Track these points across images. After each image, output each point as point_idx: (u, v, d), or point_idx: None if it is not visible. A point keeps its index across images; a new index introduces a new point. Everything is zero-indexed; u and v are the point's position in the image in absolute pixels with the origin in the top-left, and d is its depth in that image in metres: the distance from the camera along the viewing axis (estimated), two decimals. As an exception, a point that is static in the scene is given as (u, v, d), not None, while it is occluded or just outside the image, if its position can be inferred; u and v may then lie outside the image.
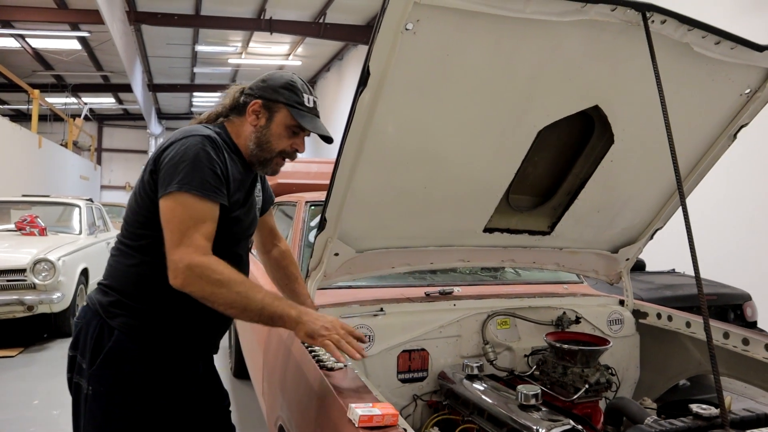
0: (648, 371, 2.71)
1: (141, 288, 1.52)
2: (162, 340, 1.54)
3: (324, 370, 1.52)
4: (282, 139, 1.62)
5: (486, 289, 2.63)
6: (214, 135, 1.53)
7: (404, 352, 2.18)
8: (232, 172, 1.54)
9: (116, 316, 1.52)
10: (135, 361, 1.51)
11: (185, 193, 1.41)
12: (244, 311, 1.41)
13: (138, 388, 1.51)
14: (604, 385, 1.95)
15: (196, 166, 1.43)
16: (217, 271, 1.39)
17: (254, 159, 1.64)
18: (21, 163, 11.40)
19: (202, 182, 1.43)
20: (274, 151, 1.62)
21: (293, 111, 1.59)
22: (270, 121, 1.61)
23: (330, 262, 2.06)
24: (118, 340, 1.51)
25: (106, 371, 1.50)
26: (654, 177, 2.34)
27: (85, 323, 1.56)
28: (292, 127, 1.62)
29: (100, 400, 1.50)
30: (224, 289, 1.38)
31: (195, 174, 1.43)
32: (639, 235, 2.62)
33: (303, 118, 1.60)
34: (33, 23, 12.14)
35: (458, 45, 1.63)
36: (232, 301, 1.39)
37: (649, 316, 2.67)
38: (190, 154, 1.45)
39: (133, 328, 1.52)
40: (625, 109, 2.03)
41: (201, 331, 1.60)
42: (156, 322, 1.53)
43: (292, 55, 15.22)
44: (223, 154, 1.52)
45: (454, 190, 2.06)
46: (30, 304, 5.09)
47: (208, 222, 1.43)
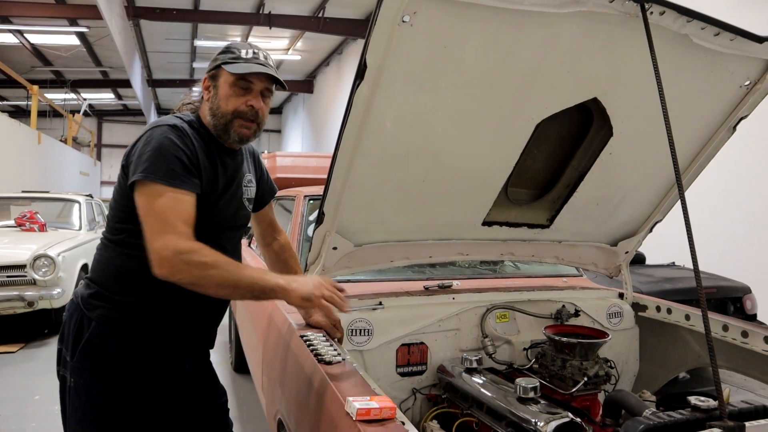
0: (647, 364, 2.71)
1: (120, 280, 1.52)
2: (140, 332, 1.52)
3: (322, 363, 1.52)
4: (230, 99, 1.57)
5: (485, 283, 2.63)
6: (180, 123, 1.53)
7: (403, 345, 2.18)
8: (202, 159, 1.53)
9: (95, 308, 1.52)
10: (114, 353, 1.50)
11: (152, 183, 1.41)
12: (235, 289, 1.42)
13: (118, 381, 1.50)
14: (603, 378, 1.94)
15: (161, 155, 1.43)
16: (203, 254, 1.38)
17: (218, 131, 1.60)
18: (21, 159, 11.39)
19: (168, 171, 1.42)
20: (228, 114, 1.57)
21: (228, 66, 1.56)
22: (216, 88, 1.59)
23: (328, 256, 2.05)
24: (96, 332, 1.50)
25: (85, 363, 1.50)
26: (653, 170, 2.33)
27: (69, 316, 1.57)
28: (235, 84, 1.56)
29: (81, 391, 1.50)
30: (213, 271, 1.38)
31: (160, 163, 1.42)
32: (638, 228, 2.61)
33: (236, 66, 1.56)
34: (31, 19, 12.11)
35: (455, 37, 1.61)
36: (222, 281, 1.40)
37: (648, 309, 2.67)
38: (155, 144, 1.45)
39: (111, 320, 1.51)
40: (624, 101, 2.02)
41: (181, 326, 1.58)
42: (135, 315, 1.51)
43: (291, 50, 15.18)
44: (192, 141, 1.51)
45: (452, 184, 2.05)
46: (30, 300, 5.10)
47: (185, 208, 1.43)
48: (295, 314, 2.00)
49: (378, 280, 2.46)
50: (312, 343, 1.67)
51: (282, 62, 16.35)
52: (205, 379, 1.76)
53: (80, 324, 1.52)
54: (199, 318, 1.64)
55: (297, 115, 21.45)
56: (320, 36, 13.29)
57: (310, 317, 1.90)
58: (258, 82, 1.58)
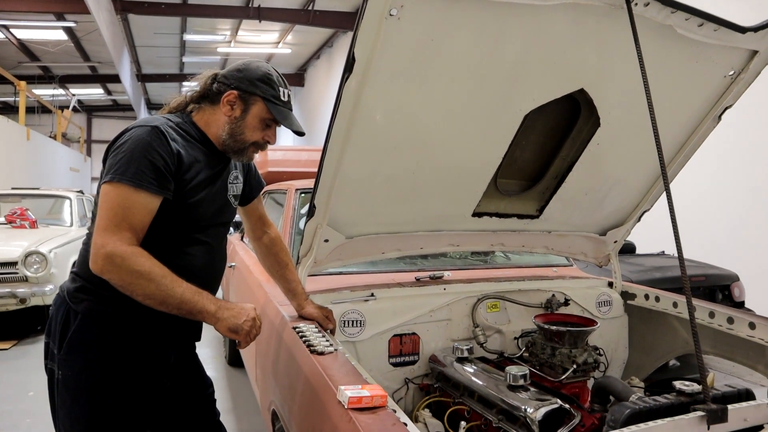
0: (637, 351, 2.75)
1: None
2: (126, 326, 1.54)
3: (314, 354, 1.54)
4: (256, 131, 1.63)
5: (476, 273, 2.66)
6: (165, 125, 1.53)
7: (395, 336, 2.20)
8: (186, 160, 1.53)
9: (81, 301, 1.53)
10: (100, 345, 1.52)
11: (119, 183, 1.42)
12: (162, 304, 1.41)
13: (104, 372, 1.52)
14: (591, 365, 1.98)
15: (133, 158, 1.44)
16: (137, 263, 1.38)
17: (227, 148, 1.64)
18: (9, 156, 11.30)
19: (136, 173, 1.43)
20: (247, 142, 1.63)
21: (270, 105, 1.60)
22: (246, 113, 1.61)
23: (320, 249, 2.07)
24: (82, 324, 1.52)
25: (71, 356, 1.52)
26: (640, 159, 2.36)
27: (56, 310, 1.58)
28: (266, 120, 1.63)
29: (69, 384, 1.52)
30: (143, 281, 1.38)
31: (131, 165, 1.43)
32: (626, 217, 2.65)
33: (279, 113, 1.61)
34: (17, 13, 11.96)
35: (443, 30, 1.63)
36: (150, 293, 1.39)
37: (637, 298, 2.71)
38: (131, 146, 1.46)
39: (97, 313, 1.52)
40: (611, 92, 2.05)
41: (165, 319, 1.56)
42: (119, 308, 1.52)
43: (281, 43, 15.12)
44: (170, 144, 1.50)
45: (442, 175, 2.07)
46: (22, 297, 5.09)
47: (139, 212, 1.43)
48: (287, 307, 2.02)
49: (370, 272, 2.48)
50: (304, 335, 1.69)
51: (272, 56, 16.28)
52: (190, 370, 1.79)
53: (67, 317, 1.54)
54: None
55: (288, 108, 21.36)
56: (310, 29, 13.24)
57: (303, 309, 1.92)
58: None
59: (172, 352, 1.67)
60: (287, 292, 1.98)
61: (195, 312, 1.44)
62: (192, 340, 1.77)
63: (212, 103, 1.63)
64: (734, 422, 1.36)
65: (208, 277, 1.66)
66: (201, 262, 1.62)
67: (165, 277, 1.41)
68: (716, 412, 1.33)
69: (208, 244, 1.64)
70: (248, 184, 1.89)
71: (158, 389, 1.63)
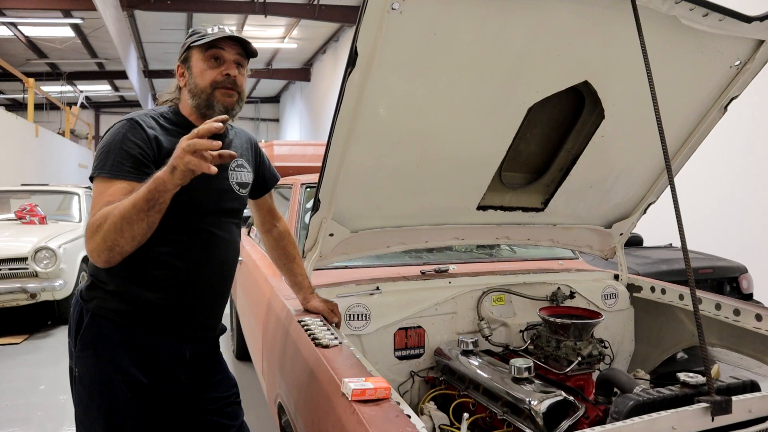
0: (643, 344, 2.75)
1: (110, 271, 1.53)
2: (135, 321, 1.55)
3: (319, 347, 1.55)
4: (205, 73, 1.59)
5: (481, 267, 2.66)
6: (142, 116, 1.56)
7: (401, 329, 2.21)
8: (167, 143, 1.53)
9: (91, 300, 1.56)
10: (110, 342, 1.53)
11: (98, 177, 1.47)
12: (129, 224, 1.35)
13: (116, 369, 1.52)
14: (596, 358, 1.98)
15: (110, 151, 1.48)
16: (94, 219, 1.38)
17: (201, 110, 1.60)
18: (18, 153, 11.38)
19: (113, 165, 1.46)
20: (206, 88, 1.58)
21: (196, 43, 1.59)
22: (190, 68, 1.62)
23: (325, 243, 2.08)
24: (93, 322, 1.54)
25: (84, 353, 1.54)
26: (645, 151, 2.35)
27: (72, 308, 1.62)
28: (207, 58, 1.59)
29: (84, 380, 1.54)
30: (106, 225, 1.36)
31: (109, 158, 1.47)
32: (632, 209, 2.64)
33: (204, 39, 1.59)
34: (25, 11, 12.03)
35: (445, 23, 1.63)
36: (117, 227, 1.35)
37: (643, 290, 2.70)
38: (108, 140, 1.50)
39: (106, 311, 1.54)
40: (615, 84, 2.04)
41: (175, 313, 1.59)
42: (128, 304, 1.53)
43: (287, 38, 15.10)
44: (146, 131, 1.52)
45: (446, 169, 2.07)
46: (33, 292, 5.14)
47: (114, 195, 1.43)
48: (293, 301, 2.03)
49: (375, 266, 2.49)
50: (309, 328, 1.70)
51: (278, 51, 16.28)
52: (211, 368, 1.75)
53: (80, 315, 1.57)
54: (195, 305, 1.64)
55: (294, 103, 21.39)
56: (316, 23, 13.21)
57: (308, 302, 1.94)
58: (229, 50, 1.60)
59: (187, 347, 1.65)
60: (293, 285, 1.99)
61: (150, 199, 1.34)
62: (208, 334, 1.73)
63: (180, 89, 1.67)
64: (739, 414, 1.35)
65: (212, 265, 1.64)
66: (200, 250, 1.60)
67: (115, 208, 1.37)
68: (720, 404, 1.32)
69: (207, 232, 1.62)
70: (261, 176, 1.89)
71: (174, 385, 1.62)
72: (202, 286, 1.63)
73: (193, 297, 1.62)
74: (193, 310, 1.64)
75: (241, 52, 1.63)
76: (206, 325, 1.71)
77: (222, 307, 1.75)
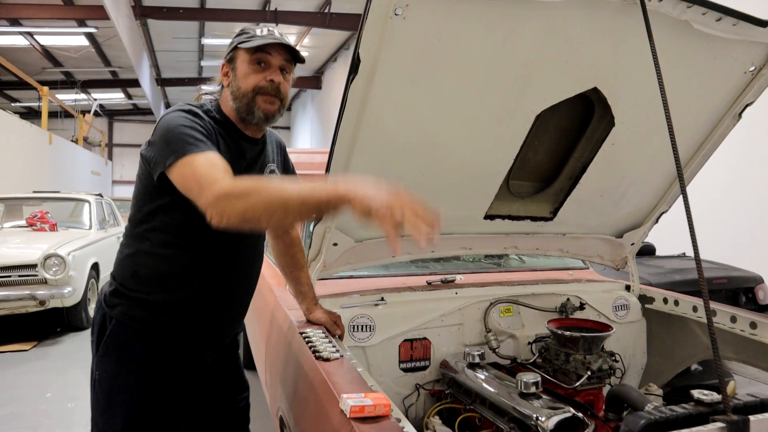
0: (655, 357, 2.67)
1: (137, 276, 1.52)
2: (160, 329, 1.53)
3: (320, 360, 1.51)
4: (249, 76, 1.54)
5: (489, 277, 2.61)
6: (193, 108, 1.52)
7: (406, 341, 2.17)
8: (217, 142, 1.49)
9: (116, 306, 1.54)
10: (134, 349, 1.51)
11: (177, 161, 1.37)
12: (286, 212, 1.24)
13: (138, 376, 1.51)
14: (607, 372, 1.92)
15: (175, 136, 1.40)
16: (240, 185, 1.26)
17: (241, 114, 1.57)
18: (32, 160, 11.50)
19: (185, 144, 1.38)
20: (249, 92, 1.54)
21: (243, 45, 1.55)
22: (234, 70, 1.58)
23: (329, 253, 2.05)
24: (117, 329, 1.52)
25: (106, 358, 1.53)
26: (657, 159, 2.30)
27: (95, 312, 1.61)
28: (252, 61, 1.54)
29: (105, 384, 1.53)
30: (255, 196, 1.23)
31: (177, 143, 1.39)
32: (644, 219, 2.58)
33: (252, 42, 1.54)
34: (40, 20, 12.19)
35: (450, 29, 1.59)
36: (269, 209, 1.23)
37: (655, 301, 2.64)
38: (167, 127, 1.44)
39: (131, 318, 1.52)
40: (625, 90, 1.99)
41: (199, 319, 1.57)
42: (154, 312, 1.52)
43: (298, 46, 15.08)
44: (206, 122, 1.49)
45: (452, 178, 2.03)
46: (42, 299, 5.16)
47: (217, 161, 1.36)
48: (296, 311, 2.00)
49: (380, 276, 2.45)
50: (311, 340, 1.66)
51: (289, 58, 16.33)
52: (229, 372, 1.76)
53: (103, 321, 1.55)
54: (221, 315, 1.63)
55: (306, 111, 21.45)
56: (327, 31, 13.25)
57: (311, 313, 1.90)
58: (276, 55, 1.56)
59: (209, 353, 1.65)
60: (297, 294, 1.95)
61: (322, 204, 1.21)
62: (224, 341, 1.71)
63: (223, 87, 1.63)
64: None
65: (240, 274, 1.64)
66: (228, 259, 1.58)
67: (271, 183, 1.30)
68: (737, 424, 1.26)
69: (237, 239, 1.56)
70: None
71: (195, 391, 1.62)
72: (228, 295, 1.62)
73: (219, 307, 1.61)
74: (219, 319, 1.63)
75: (288, 58, 1.59)
76: (229, 332, 1.72)
77: (246, 310, 1.75)
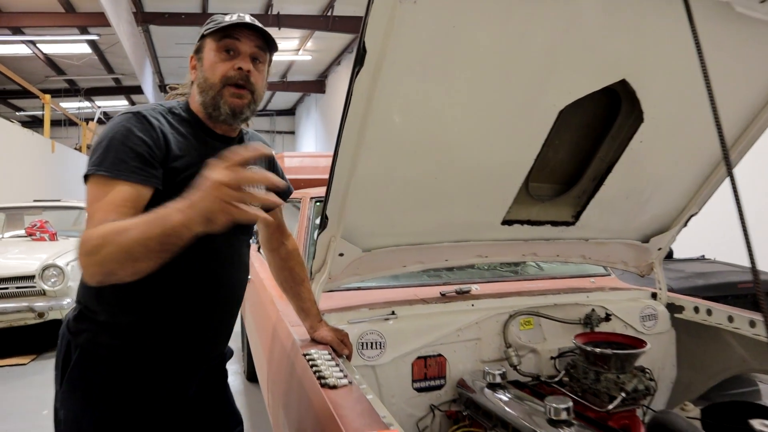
0: (685, 369, 2.50)
1: (101, 297, 1.33)
2: (132, 358, 1.35)
3: (326, 388, 1.34)
4: (216, 66, 1.36)
5: (506, 286, 2.44)
6: (149, 110, 1.34)
7: (419, 358, 2.00)
8: (176, 144, 1.32)
9: (81, 333, 1.35)
10: (102, 383, 1.33)
11: (95, 176, 1.21)
12: (135, 260, 1.05)
13: (107, 415, 1.33)
14: (643, 393, 1.75)
15: (110, 145, 1.23)
16: (92, 237, 1.07)
17: (208, 109, 1.39)
18: (34, 169, 11.41)
19: (114, 161, 1.22)
20: (216, 83, 1.36)
21: (211, 32, 1.38)
22: (201, 60, 1.40)
23: (335, 263, 1.88)
24: (82, 359, 1.33)
25: (72, 394, 1.34)
26: (688, 157, 2.13)
27: (59, 341, 1.40)
28: (219, 48, 1.37)
29: (70, 426, 1.34)
30: (105, 250, 1.05)
31: (108, 153, 1.22)
32: (672, 222, 2.40)
33: (218, 26, 1.37)
34: (42, 29, 12.13)
35: (465, 15, 1.43)
36: (119, 260, 1.05)
37: (685, 310, 2.46)
38: (108, 133, 1.26)
39: (98, 345, 1.33)
40: (656, 82, 1.82)
41: (178, 347, 1.39)
42: (123, 338, 1.33)
43: (301, 50, 15.05)
44: (158, 128, 1.31)
45: (467, 180, 1.86)
46: (40, 311, 5.01)
47: (116, 204, 1.17)
48: (299, 328, 1.83)
49: (390, 287, 2.28)
50: (316, 364, 1.49)
51: (293, 63, 16.24)
52: (216, 406, 1.58)
53: (67, 350, 1.36)
54: (200, 337, 1.45)
55: (310, 116, 21.34)
56: (330, 35, 13.12)
57: (315, 331, 1.73)
58: (246, 41, 1.38)
59: (190, 383, 1.47)
60: (300, 311, 1.78)
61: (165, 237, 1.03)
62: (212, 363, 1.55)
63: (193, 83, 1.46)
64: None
65: (221, 290, 1.45)
66: (208, 273, 1.40)
67: (119, 229, 1.06)
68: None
69: (216, 252, 1.41)
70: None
71: (175, 427, 1.43)
72: (209, 314, 1.44)
73: (198, 327, 1.43)
74: (198, 341, 1.44)
75: (261, 45, 1.40)
76: (211, 356, 1.52)
77: (229, 334, 1.56)
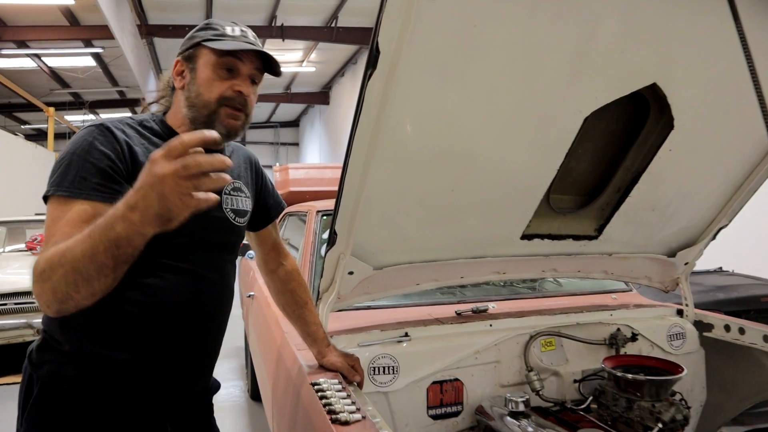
0: (714, 391, 2.35)
1: (67, 325, 1.19)
2: (100, 393, 1.20)
3: (336, 424, 1.21)
4: (213, 83, 1.25)
5: (524, 304, 2.30)
6: (114, 122, 1.23)
7: (435, 383, 1.86)
8: (144, 156, 1.20)
9: (43, 364, 1.21)
10: (66, 420, 1.19)
11: (54, 197, 1.11)
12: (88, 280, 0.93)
13: None
14: (680, 423, 1.61)
15: (71, 163, 1.13)
16: (40, 262, 0.97)
17: (197, 125, 1.26)
18: (38, 181, 11.33)
19: (74, 180, 1.11)
20: (211, 102, 1.25)
21: (211, 43, 1.26)
22: (194, 71, 1.28)
23: (344, 282, 1.76)
24: (44, 394, 1.19)
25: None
26: (719, 166, 2.00)
27: (22, 374, 1.26)
28: (220, 65, 1.26)
29: None
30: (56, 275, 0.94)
31: (68, 172, 1.12)
32: (700, 235, 2.27)
33: (223, 43, 1.26)
34: (47, 42, 12.14)
35: (487, 14, 1.31)
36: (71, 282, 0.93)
37: (714, 329, 2.31)
38: (69, 149, 1.16)
39: (62, 379, 1.19)
40: (688, 86, 1.69)
41: (149, 380, 1.25)
42: (88, 370, 1.19)
43: (305, 62, 15.02)
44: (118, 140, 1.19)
45: (486, 193, 1.74)
46: (39, 328, 4.88)
47: (73, 225, 1.06)
48: (306, 352, 1.70)
49: (401, 305, 2.16)
50: (325, 395, 1.36)
51: (297, 75, 16.21)
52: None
53: (28, 385, 1.22)
54: (178, 368, 1.31)
55: (314, 127, 21.30)
56: (334, 46, 13.09)
57: (324, 357, 1.60)
58: (248, 63, 1.28)
59: (168, 421, 1.32)
60: (305, 335, 1.65)
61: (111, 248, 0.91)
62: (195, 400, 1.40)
63: (174, 89, 1.34)
64: None
65: (201, 315, 1.31)
66: (185, 296, 1.26)
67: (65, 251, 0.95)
68: None
69: (194, 273, 1.28)
70: (263, 202, 1.56)
71: None
72: (187, 342, 1.29)
73: (175, 358, 1.28)
74: (176, 374, 1.30)
75: (260, 67, 1.31)
76: (192, 390, 1.37)
77: (212, 366, 1.42)
